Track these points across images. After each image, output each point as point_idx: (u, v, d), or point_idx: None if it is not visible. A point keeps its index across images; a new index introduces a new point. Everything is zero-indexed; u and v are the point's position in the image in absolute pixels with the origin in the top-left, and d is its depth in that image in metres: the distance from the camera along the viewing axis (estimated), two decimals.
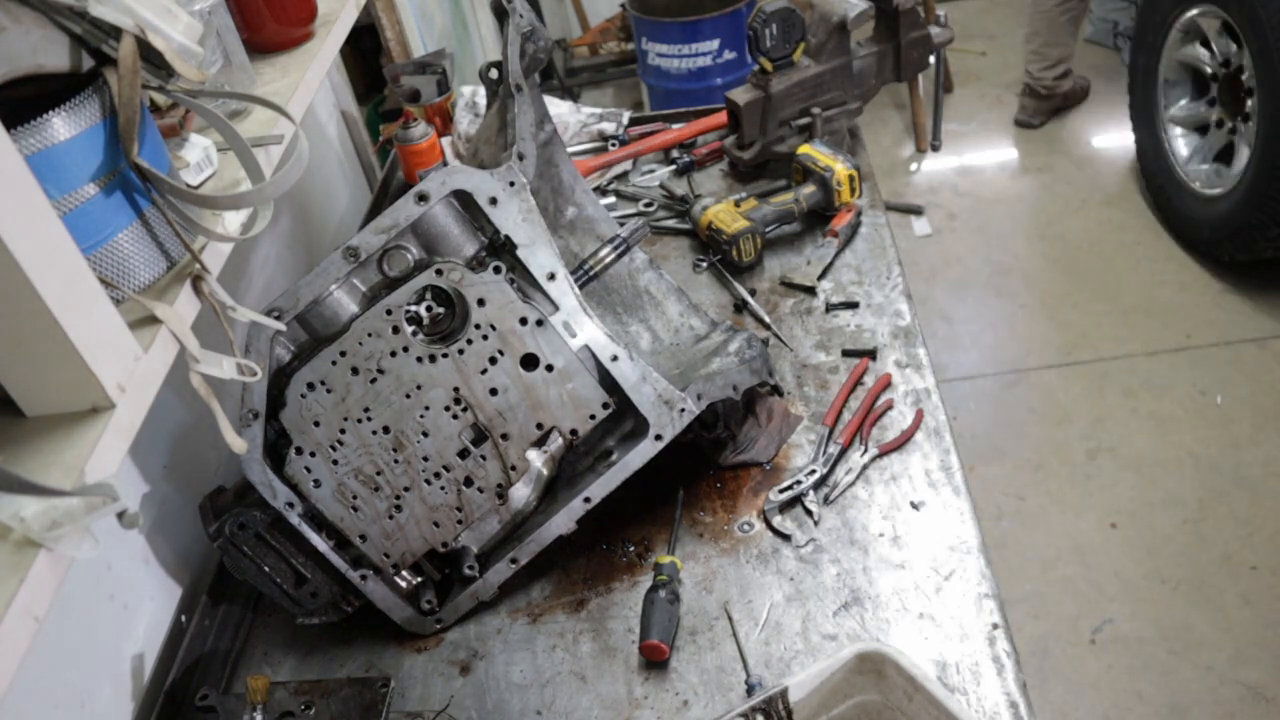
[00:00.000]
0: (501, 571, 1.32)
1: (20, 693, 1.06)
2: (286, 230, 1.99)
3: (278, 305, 1.19)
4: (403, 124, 2.06)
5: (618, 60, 4.71)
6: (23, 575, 0.72)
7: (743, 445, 1.46)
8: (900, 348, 1.60)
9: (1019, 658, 1.17)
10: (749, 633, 1.25)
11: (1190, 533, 2.57)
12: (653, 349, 1.56)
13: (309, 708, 1.22)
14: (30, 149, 0.82)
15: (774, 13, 1.89)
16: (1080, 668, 2.33)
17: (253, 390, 1.18)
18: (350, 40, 1.67)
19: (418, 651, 1.32)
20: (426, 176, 1.22)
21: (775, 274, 1.82)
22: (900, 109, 4.42)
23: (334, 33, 1.51)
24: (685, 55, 3.72)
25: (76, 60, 0.87)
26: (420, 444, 1.24)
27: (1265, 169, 2.84)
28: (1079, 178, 3.91)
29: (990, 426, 2.97)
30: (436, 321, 1.23)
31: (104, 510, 0.76)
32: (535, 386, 1.24)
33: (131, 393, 0.85)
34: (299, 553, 1.26)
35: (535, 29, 1.45)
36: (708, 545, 1.37)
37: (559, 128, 2.10)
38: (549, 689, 1.24)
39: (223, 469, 1.56)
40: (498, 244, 1.25)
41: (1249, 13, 2.85)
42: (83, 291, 0.81)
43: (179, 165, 1.11)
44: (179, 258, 0.99)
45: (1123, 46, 4.51)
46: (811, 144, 1.92)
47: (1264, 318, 3.13)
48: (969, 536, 1.30)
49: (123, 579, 1.29)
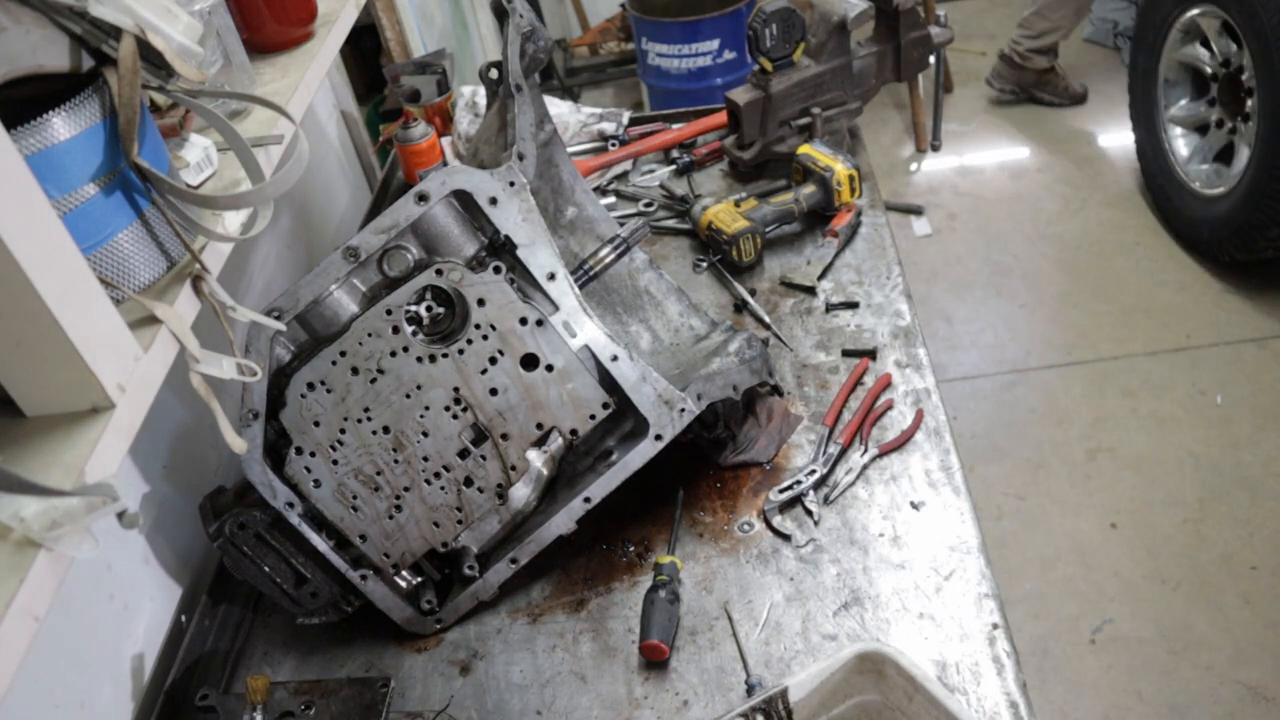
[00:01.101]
0: (501, 571, 1.32)
1: (20, 693, 1.06)
2: (286, 230, 1.99)
3: (278, 305, 1.19)
4: (403, 124, 2.06)
5: (618, 60, 4.71)
6: (23, 575, 0.72)
7: (743, 445, 1.46)
8: (900, 348, 1.60)
9: (1019, 658, 1.17)
10: (749, 633, 1.25)
11: (1190, 533, 2.56)
12: (653, 349, 1.56)
13: (309, 708, 1.22)
14: (30, 149, 0.82)
15: (774, 13, 1.89)
16: (1080, 668, 2.33)
17: (253, 390, 1.18)
18: (350, 40, 1.67)
19: (418, 651, 1.32)
20: (426, 176, 1.22)
21: (775, 274, 1.82)
22: (900, 109, 4.42)
23: (334, 33, 1.51)
24: (685, 55, 3.72)
25: (76, 60, 0.87)
26: (420, 444, 1.24)
27: (1265, 169, 2.84)
28: (1079, 178, 3.91)
29: (990, 426, 2.97)
30: (436, 321, 1.23)
31: (104, 510, 0.76)
32: (535, 386, 1.24)
33: (131, 393, 0.85)
34: (299, 553, 1.26)
35: (535, 29, 1.45)
36: (708, 545, 1.37)
37: (559, 128, 2.10)
38: (549, 689, 1.24)
39: (223, 469, 1.56)
40: (498, 244, 1.25)
41: (1249, 13, 2.85)
42: (83, 291, 0.81)
43: (179, 165, 1.11)
44: (179, 258, 0.99)
45: (1123, 46, 4.51)
46: (811, 144, 1.92)
47: (1264, 318, 3.13)
48: (969, 536, 1.30)
49: (123, 579, 1.29)
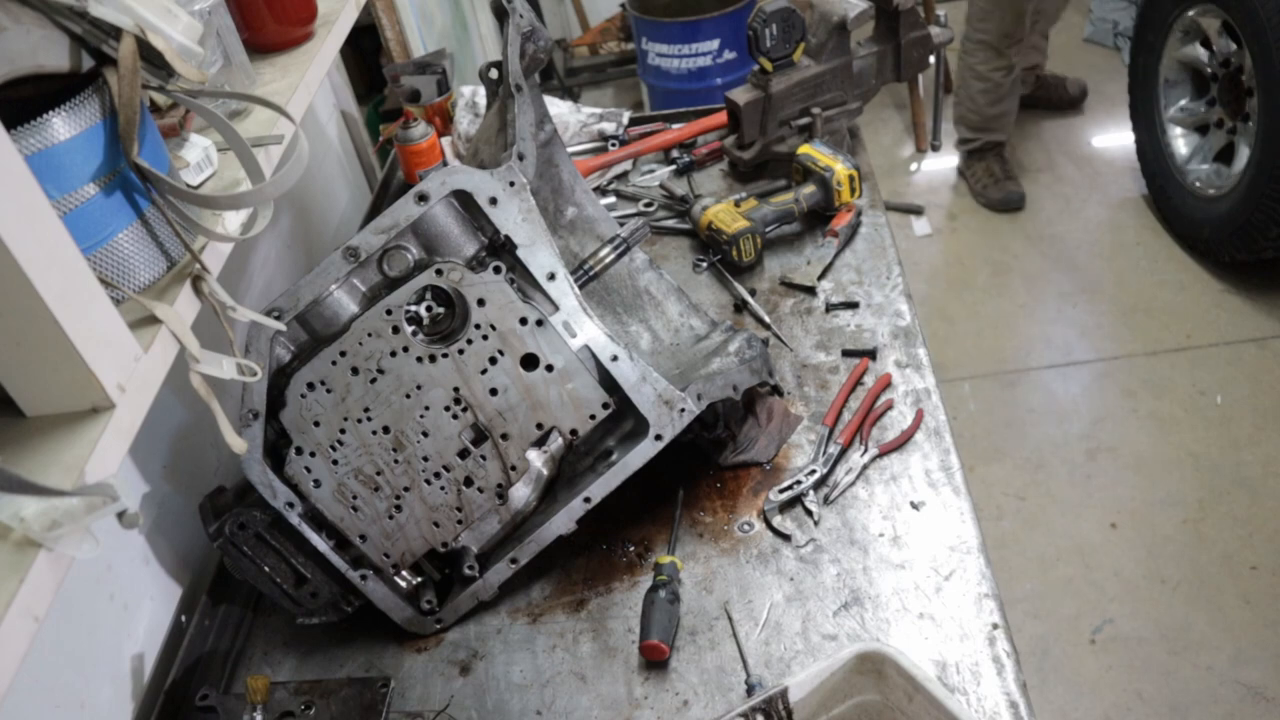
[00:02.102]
0: (501, 571, 1.32)
1: (20, 693, 1.05)
2: (286, 230, 1.99)
3: (278, 305, 1.19)
4: (403, 124, 2.06)
5: (618, 60, 4.71)
6: (23, 575, 0.72)
7: (743, 445, 1.46)
8: (900, 348, 1.60)
9: (1019, 658, 1.17)
10: (749, 633, 1.25)
11: (1190, 533, 2.56)
12: (653, 349, 1.56)
13: (309, 708, 1.22)
14: (30, 149, 0.82)
15: (774, 13, 1.89)
16: (1080, 668, 2.33)
17: (253, 390, 1.18)
18: (350, 40, 1.67)
19: (418, 651, 1.32)
20: (426, 176, 1.22)
21: (775, 274, 1.82)
22: (900, 109, 4.41)
23: (334, 33, 1.51)
24: (685, 55, 3.72)
25: (76, 60, 0.87)
26: (420, 444, 1.24)
27: (1265, 169, 2.84)
28: (1079, 178, 3.90)
29: (990, 426, 2.97)
30: (436, 321, 1.23)
31: (104, 510, 0.76)
32: (535, 386, 1.24)
33: (131, 393, 0.85)
34: (299, 553, 1.26)
35: (535, 29, 1.45)
36: (708, 545, 1.37)
37: (559, 128, 2.10)
38: (549, 689, 1.24)
39: (223, 469, 1.56)
40: (498, 244, 1.25)
41: (1249, 13, 2.85)
42: (83, 291, 0.81)
43: (179, 165, 1.11)
44: (179, 258, 0.99)
45: (1122, 46, 4.50)
46: (811, 144, 1.92)
47: (1264, 318, 3.13)
48: (969, 536, 1.30)
49: (123, 579, 1.29)
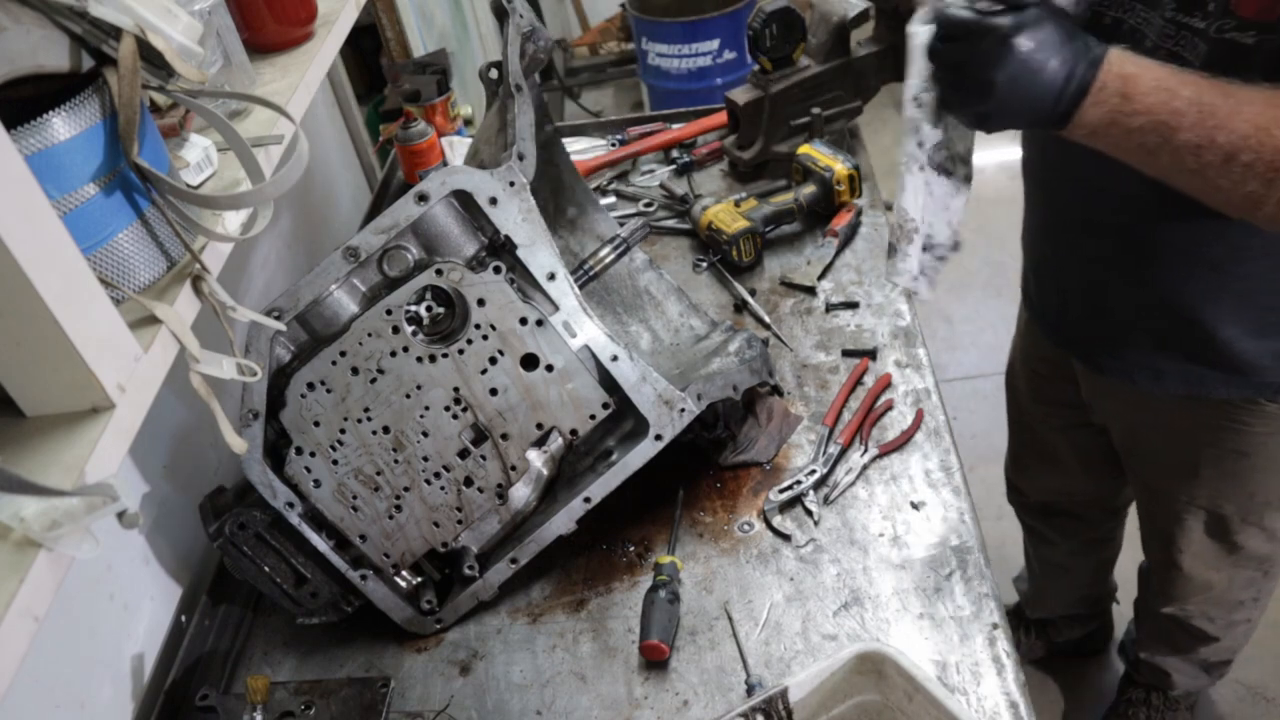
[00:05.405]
0: (501, 571, 1.32)
1: (20, 693, 1.05)
2: (286, 230, 1.99)
3: (278, 305, 1.19)
4: (403, 124, 2.06)
5: (618, 60, 4.71)
6: (23, 575, 0.72)
7: (743, 445, 1.46)
8: (900, 348, 1.60)
9: (1019, 658, 1.17)
10: (749, 633, 1.25)
11: None
12: (653, 349, 1.56)
13: (309, 708, 1.22)
14: (30, 149, 0.82)
15: (774, 13, 1.88)
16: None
17: (253, 390, 1.18)
18: (350, 40, 1.67)
19: (418, 651, 1.32)
20: (426, 176, 1.22)
21: (775, 274, 1.82)
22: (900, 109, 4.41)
23: (334, 33, 1.51)
24: (685, 55, 3.72)
25: (76, 60, 0.87)
26: (420, 444, 1.24)
27: None
28: None
29: (990, 426, 2.95)
30: (436, 321, 1.23)
31: (104, 510, 0.76)
32: (535, 386, 1.24)
33: (131, 393, 0.85)
34: (299, 553, 1.26)
35: (535, 29, 1.45)
36: (708, 545, 1.37)
37: None
38: (549, 689, 1.24)
39: (223, 469, 1.56)
40: (498, 244, 1.25)
41: None
42: (83, 291, 0.80)
43: (179, 165, 1.10)
44: (179, 258, 0.99)
45: None
46: (811, 144, 1.92)
47: None
48: (969, 536, 1.30)
49: (123, 579, 1.29)
